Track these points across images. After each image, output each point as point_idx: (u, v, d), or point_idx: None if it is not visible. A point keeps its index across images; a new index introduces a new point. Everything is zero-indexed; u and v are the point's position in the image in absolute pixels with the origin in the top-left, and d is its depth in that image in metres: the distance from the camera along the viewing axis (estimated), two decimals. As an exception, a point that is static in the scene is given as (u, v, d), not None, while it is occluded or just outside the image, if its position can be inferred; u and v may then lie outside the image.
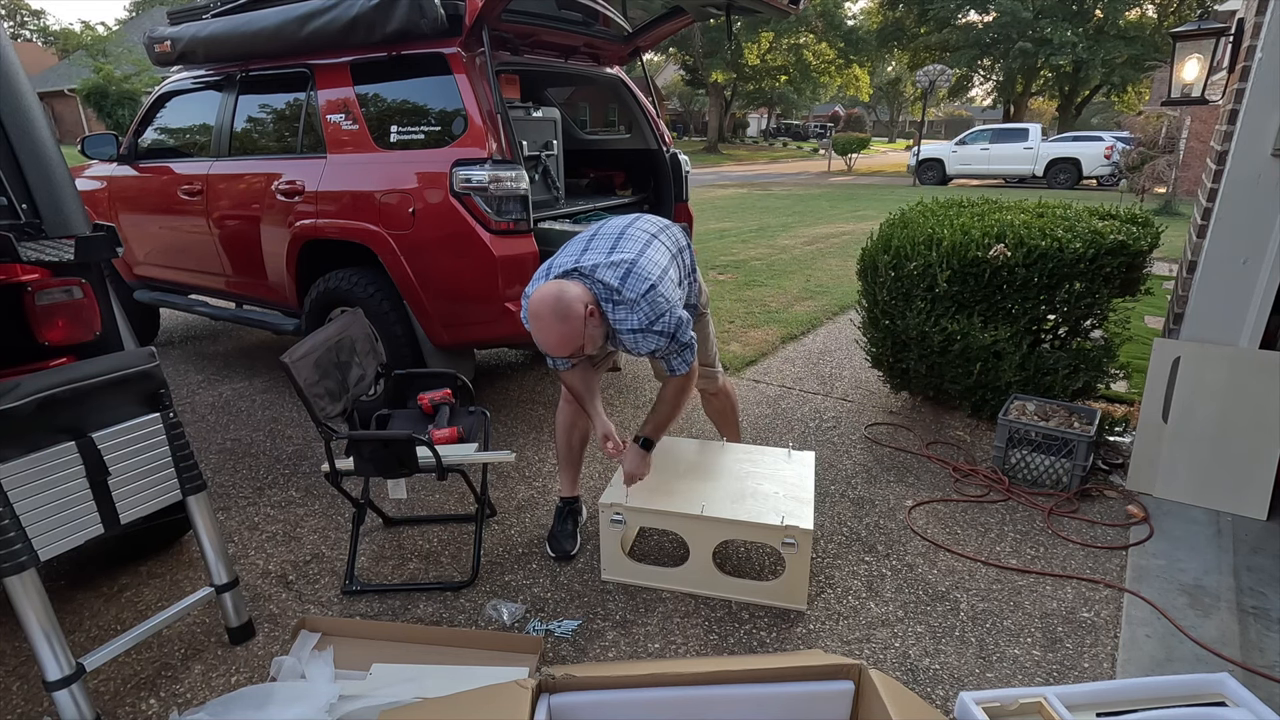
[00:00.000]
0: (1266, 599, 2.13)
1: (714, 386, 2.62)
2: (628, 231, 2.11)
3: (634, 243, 2.06)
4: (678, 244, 2.24)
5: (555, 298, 1.86)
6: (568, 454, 2.45)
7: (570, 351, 1.92)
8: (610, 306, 1.96)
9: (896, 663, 1.92)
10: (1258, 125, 2.40)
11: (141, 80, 21.34)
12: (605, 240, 2.08)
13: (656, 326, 1.96)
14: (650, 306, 1.94)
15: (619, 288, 1.93)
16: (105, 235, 1.91)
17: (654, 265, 2.01)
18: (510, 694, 1.31)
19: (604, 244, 2.06)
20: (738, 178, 20.60)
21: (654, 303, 1.94)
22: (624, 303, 1.94)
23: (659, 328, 1.96)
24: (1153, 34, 23.40)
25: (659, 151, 4.05)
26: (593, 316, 1.91)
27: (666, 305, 1.97)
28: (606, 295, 1.95)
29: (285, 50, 3.36)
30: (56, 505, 1.60)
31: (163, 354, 4.54)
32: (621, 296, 1.94)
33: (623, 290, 1.93)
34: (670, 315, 1.97)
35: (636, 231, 2.12)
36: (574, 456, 2.46)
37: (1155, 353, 2.68)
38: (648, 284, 1.94)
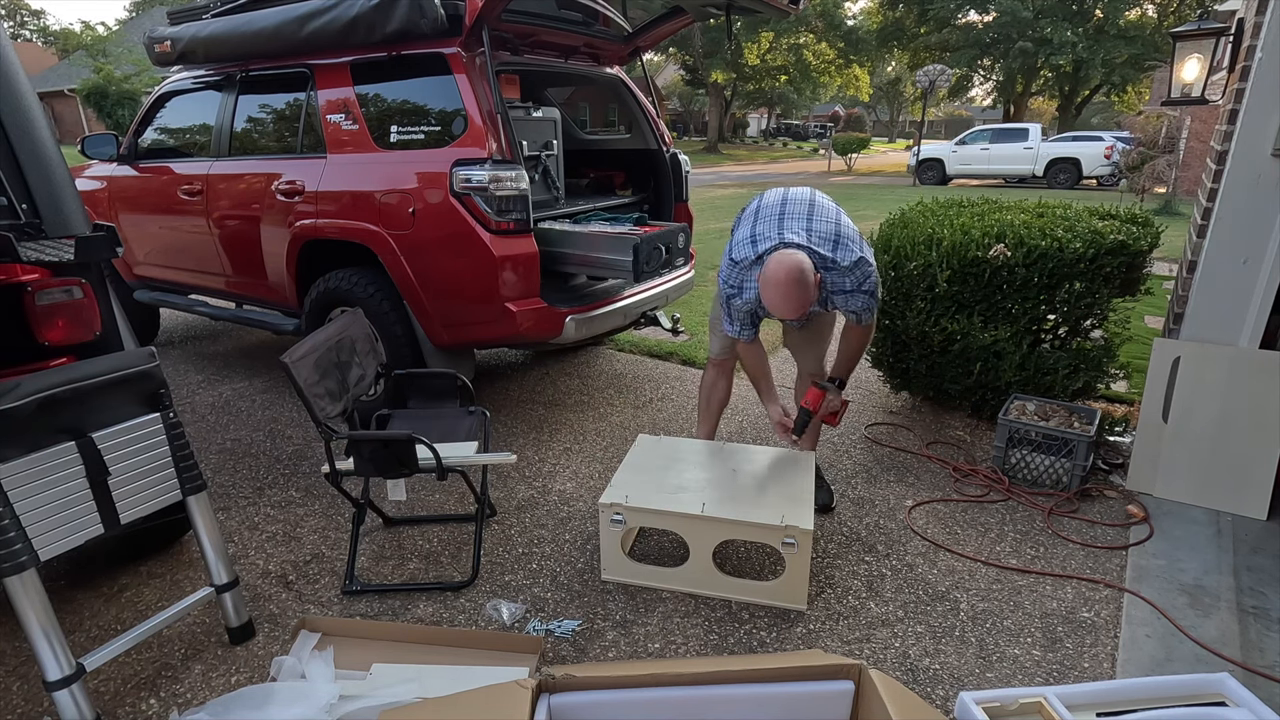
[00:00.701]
0: (1266, 599, 2.13)
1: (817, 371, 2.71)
2: (817, 200, 2.30)
3: (828, 212, 2.26)
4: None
5: (797, 268, 2.06)
6: (705, 410, 2.79)
7: (801, 313, 2.14)
8: (824, 273, 2.20)
9: (896, 663, 1.92)
10: (1258, 125, 2.40)
11: (141, 80, 21.34)
12: (799, 209, 2.26)
13: (865, 287, 2.23)
14: (860, 271, 2.20)
15: (833, 257, 2.18)
16: (105, 235, 1.91)
17: (855, 232, 2.25)
18: (510, 694, 1.31)
19: (799, 212, 2.25)
20: (738, 178, 20.59)
21: (863, 269, 2.21)
22: (837, 269, 2.19)
23: (866, 288, 2.23)
24: (1153, 34, 23.39)
25: (659, 151, 4.05)
26: (819, 282, 2.16)
27: (871, 268, 2.23)
28: (821, 263, 2.18)
29: (285, 50, 3.36)
30: (56, 505, 1.60)
31: (163, 354, 4.54)
32: (836, 264, 2.18)
33: (836, 259, 2.18)
34: (873, 276, 2.24)
35: (825, 203, 2.31)
36: (710, 413, 2.78)
37: (1155, 353, 2.68)
38: (855, 253, 2.19)
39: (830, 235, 2.19)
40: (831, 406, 2.51)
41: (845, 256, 2.18)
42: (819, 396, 2.47)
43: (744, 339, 2.42)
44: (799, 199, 2.29)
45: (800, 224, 2.21)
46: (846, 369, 2.50)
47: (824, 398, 2.47)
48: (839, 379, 2.50)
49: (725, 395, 2.75)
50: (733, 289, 2.29)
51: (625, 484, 2.26)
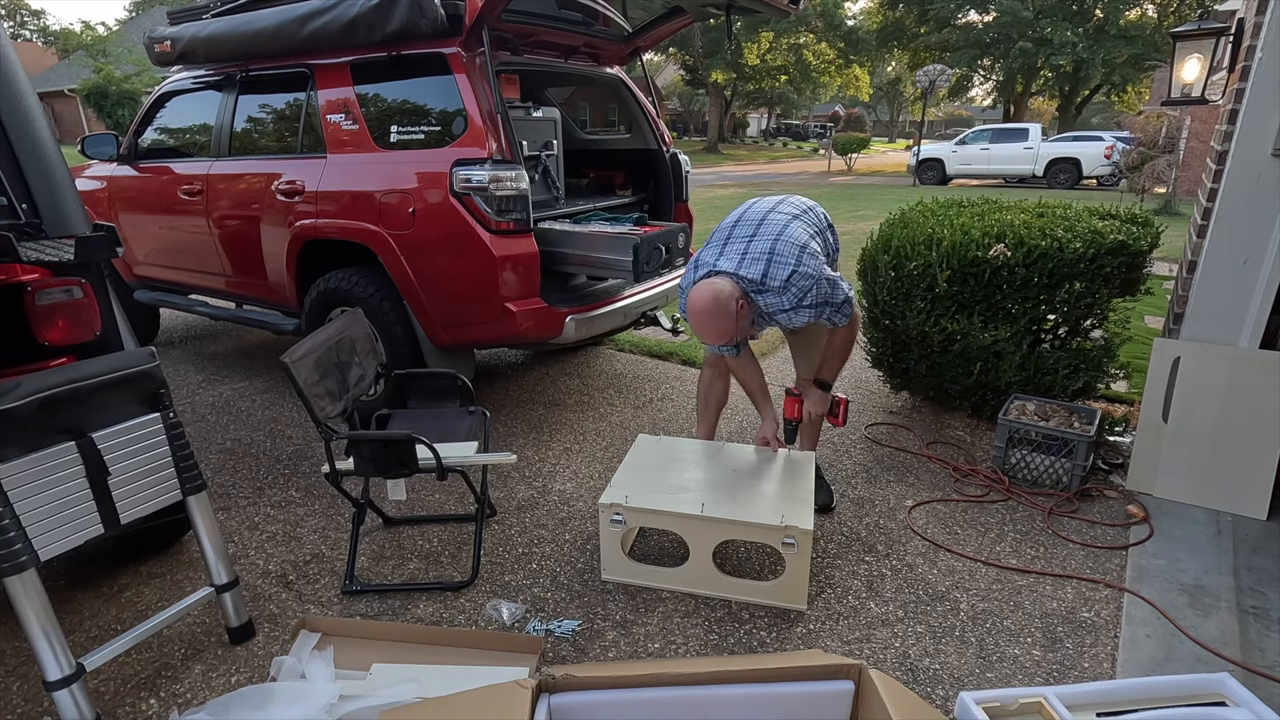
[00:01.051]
0: (1266, 599, 2.13)
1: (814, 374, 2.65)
2: (769, 218, 2.30)
3: (772, 228, 2.25)
4: (819, 225, 2.42)
5: (713, 298, 2.11)
6: (704, 408, 2.75)
7: (728, 340, 2.18)
8: (758, 296, 2.20)
9: (896, 663, 1.92)
10: (1258, 125, 2.40)
11: (141, 80, 21.35)
12: (745, 229, 2.29)
13: (805, 301, 2.19)
14: (796, 288, 2.16)
15: (762, 279, 2.16)
16: (105, 235, 1.91)
17: (791, 248, 2.18)
18: (510, 694, 1.31)
19: (744, 232, 2.28)
20: (737, 178, 20.59)
21: (798, 285, 2.16)
22: (770, 290, 2.18)
23: (808, 302, 2.19)
24: (1153, 34, 23.39)
25: (659, 151, 4.05)
26: (743, 309, 2.15)
27: (810, 282, 2.16)
28: (752, 287, 2.18)
29: (285, 50, 3.36)
30: (56, 505, 1.60)
31: (163, 354, 4.55)
32: (766, 286, 2.17)
33: (766, 281, 2.16)
34: (816, 289, 2.17)
35: (777, 216, 2.31)
36: (708, 411, 2.75)
37: (1155, 353, 2.68)
38: (788, 270, 2.15)
39: (764, 254, 2.18)
40: (819, 409, 2.51)
41: (776, 275, 2.15)
42: (794, 404, 2.51)
43: (727, 354, 2.45)
44: (751, 218, 2.31)
45: (739, 246, 2.23)
46: (830, 371, 2.48)
47: (800, 404, 2.50)
48: (824, 381, 2.49)
49: (723, 393, 2.74)
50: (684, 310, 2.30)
51: (625, 484, 2.26)
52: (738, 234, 2.28)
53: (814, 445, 2.75)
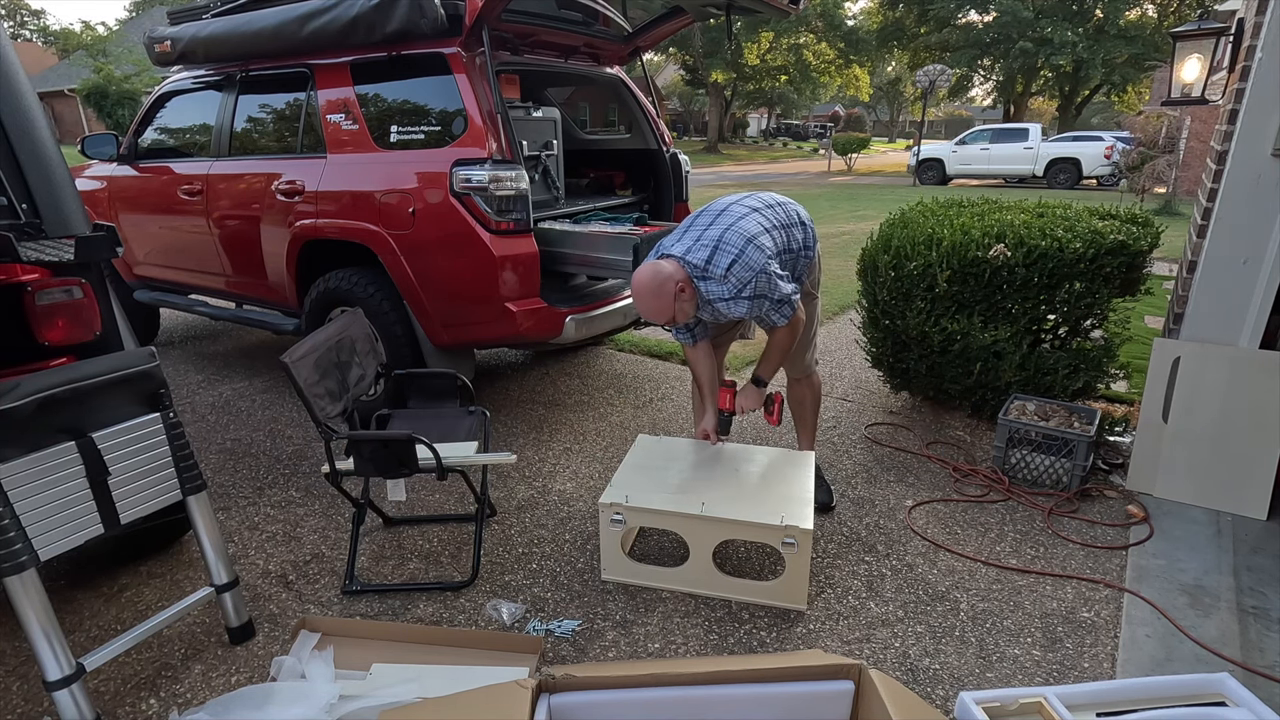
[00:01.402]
0: (1266, 599, 2.13)
1: (802, 372, 2.71)
2: (729, 209, 2.34)
3: (728, 218, 2.28)
4: (785, 219, 2.42)
5: (651, 276, 2.17)
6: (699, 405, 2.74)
7: (664, 320, 2.21)
8: (700, 282, 2.21)
9: (896, 663, 1.92)
10: (1258, 125, 2.40)
11: (141, 80, 21.35)
12: (705, 218, 2.33)
13: (744, 293, 2.18)
14: (735, 278, 2.17)
15: (705, 265, 2.19)
16: (105, 235, 1.90)
17: (739, 238, 2.21)
18: (510, 694, 1.31)
19: (704, 221, 2.32)
20: (737, 178, 20.59)
21: (738, 275, 2.17)
22: (712, 277, 2.19)
23: (746, 293, 2.19)
24: (1153, 34, 23.39)
25: (659, 151, 4.05)
26: (683, 292, 2.18)
27: (750, 274, 2.17)
28: (696, 273, 2.21)
29: (285, 50, 3.36)
30: (56, 505, 1.60)
31: (163, 354, 4.54)
32: (709, 272, 2.19)
33: (709, 267, 2.18)
34: (756, 281, 2.17)
35: (737, 208, 2.34)
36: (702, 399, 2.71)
37: (1155, 353, 2.68)
38: (730, 258, 2.17)
39: (712, 242, 2.21)
40: (749, 404, 2.50)
41: (719, 263, 2.17)
42: (728, 395, 2.52)
43: (684, 342, 2.51)
44: (714, 208, 2.35)
45: (694, 234, 2.27)
46: (765, 368, 2.48)
47: (734, 396, 2.51)
48: (759, 377, 2.49)
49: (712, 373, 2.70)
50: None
51: (625, 484, 2.26)
52: (698, 223, 2.32)
53: (811, 444, 2.75)
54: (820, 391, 2.82)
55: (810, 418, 2.78)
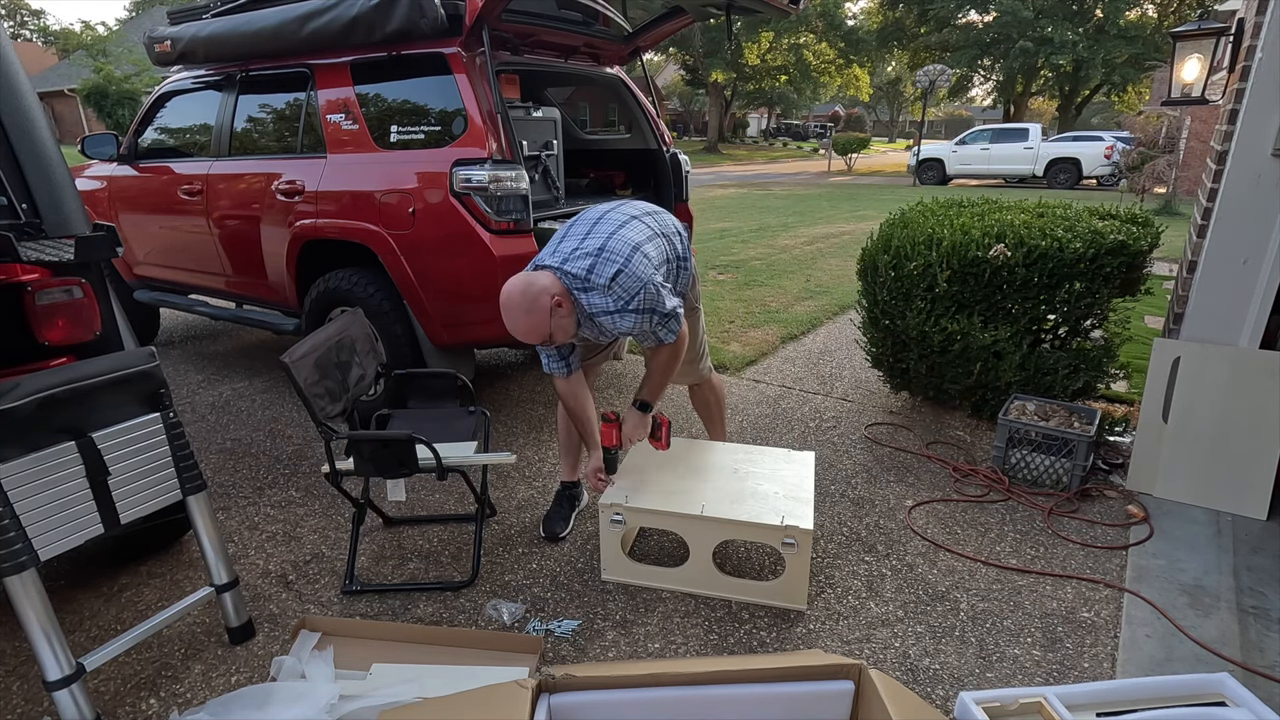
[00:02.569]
0: (1266, 599, 2.13)
1: (699, 379, 2.65)
2: (607, 215, 2.16)
3: (607, 225, 2.11)
4: (664, 228, 2.25)
5: (522, 290, 1.94)
6: (568, 442, 2.56)
7: (540, 340, 1.99)
8: (581, 294, 2.01)
9: (896, 663, 1.92)
10: (1258, 125, 2.40)
11: (141, 80, 21.36)
12: (581, 226, 2.14)
13: (631, 305, 2.00)
14: (621, 289, 1.98)
15: (586, 276, 1.99)
16: (105, 235, 1.91)
17: (623, 245, 2.03)
18: (510, 694, 1.31)
19: (580, 230, 2.12)
20: (737, 178, 20.60)
21: (624, 285, 1.98)
22: (594, 288, 1.99)
23: (634, 306, 2.00)
24: (1153, 33, 23.40)
25: (659, 151, 4.05)
26: (560, 307, 1.97)
27: (639, 284, 1.99)
28: (576, 285, 2.00)
29: (285, 50, 3.36)
30: (56, 505, 1.60)
31: (163, 354, 4.55)
32: (591, 283, 1.98)
33: (590, 278, 1.98)
34: (644, 293, 2.00)
35: (616, 215, 2.17)
36: (574, 445, 2.56)
37: (1155, 353, 2.68)
38: (614, 268, 1.98)
39: (592, 251, 2.01)
40: (637, 434, 2.30)
41: (602, 273, 1.97)
42: (611, 430, 2.25)
43: (557, 373, 2.24)
44: (589, 217, 2.17)
45: (569, 245, 2.07)
46: (650, 391, 2.28)
47: (618, 429, 2.25)
48: (644, 401, 2.29)
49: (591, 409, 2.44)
50: None
51: (625, 484, 2.26)
52: (573, 231, 2.12)
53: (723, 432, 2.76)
54: (722, 391, 2.74)
55: (719, 415, 2.75)
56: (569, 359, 2.24)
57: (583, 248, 2.04)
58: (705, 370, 2.64)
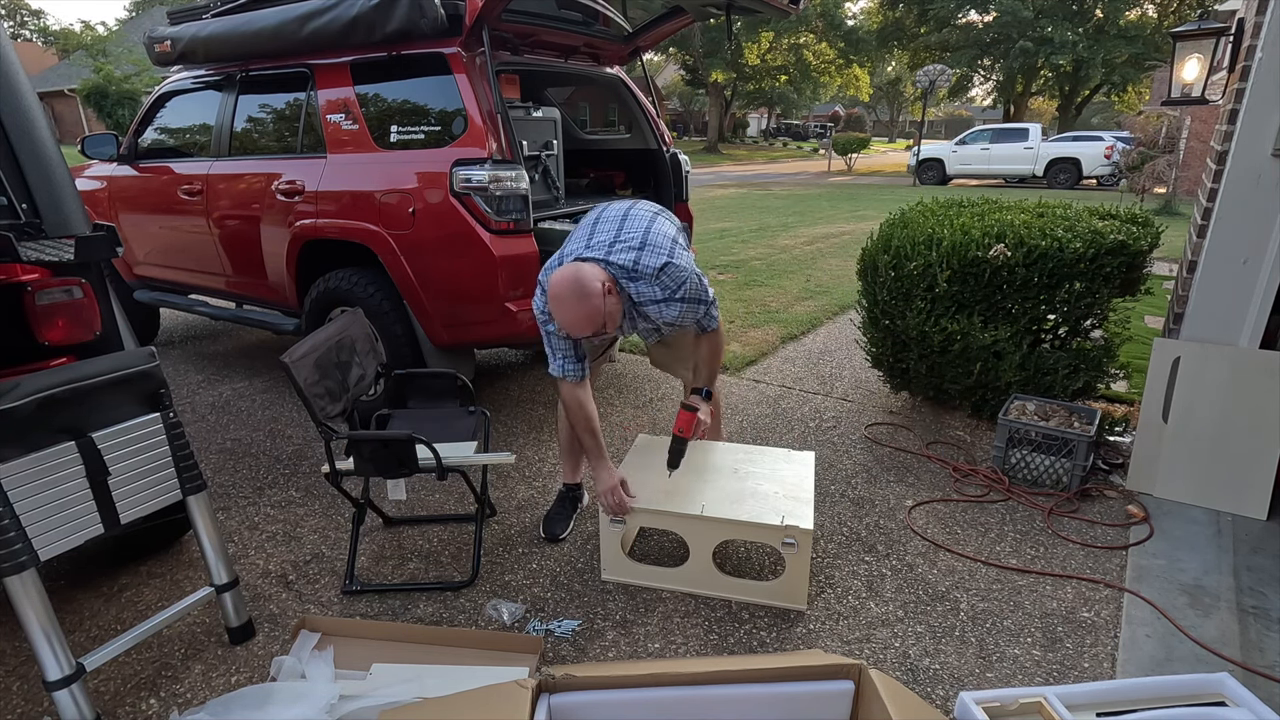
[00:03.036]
0: (1266, 599, 2.13)
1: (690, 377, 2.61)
2: (631, 213, 2.20)
3: (639, 221, 2.16)
4: (677, 224, 2.32)
5: (574, 278, 1.95)
6: (570, 444, 2.54)
7: (594, 328, 1.98)
8: (629, 284, 2.06)
9: (896, 663, 1.92)
10: (1258, 125, 2.40)
11: (141, 80, 21.36)
12: (610, 225, 2.16)
13: (678, 295, 2.07)
14: (669, 278, 2.05)
15: (634, 266, 2.04)
16: (105, 235, 1.91)
17: (664, 238, 2.10)
18: (510, 694, 1.31)
19: (609, 225, 2.15)
20: (737, 177, 20.59)
21: (672, 275, 2.05)
22: (642, 278, 2.05)
23: (680, 295, 2.07)
24: (1153, 33, 23.40)
25: (659, 151, 4.06)
26: (610, 294, 1.99)
27: (684, 274, 2.06)
28: (623, 274, 2.05)
29: (285, 50, 3.36)
30: (56, 505, 1.60)
31: (163, 354, 4.55)
32: (638, 273, 2.04)
33: (638, 268, 2.04)
34: (689, 282, 2.07)
35: (641, 211, 2.22)
36: (576, 446, 2.52)
37: (1155, 353, 2.68)
38: (661, 259, 2.05)
39: (636, 243, 2.06)
40: (714, 417, 2.33)
41: (650, 262, 2.03)
42: (690, 419, 2.22)
43: (572, 376, 2.17)
44: (612, 216, 2.19)
45: (606, 237, 2.09)
46: (709, 378, 2.32)
47: (696, 419, 2.23)
48: (705, 389, 2.31)
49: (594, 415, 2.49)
50: (545, 315, 2.12)
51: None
52: (601, 227, 2.15)
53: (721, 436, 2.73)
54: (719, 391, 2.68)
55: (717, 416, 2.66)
56: (585, 362, 2.20)
57: (623, 240, 2.08)
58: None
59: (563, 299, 1.95)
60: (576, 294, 1.94)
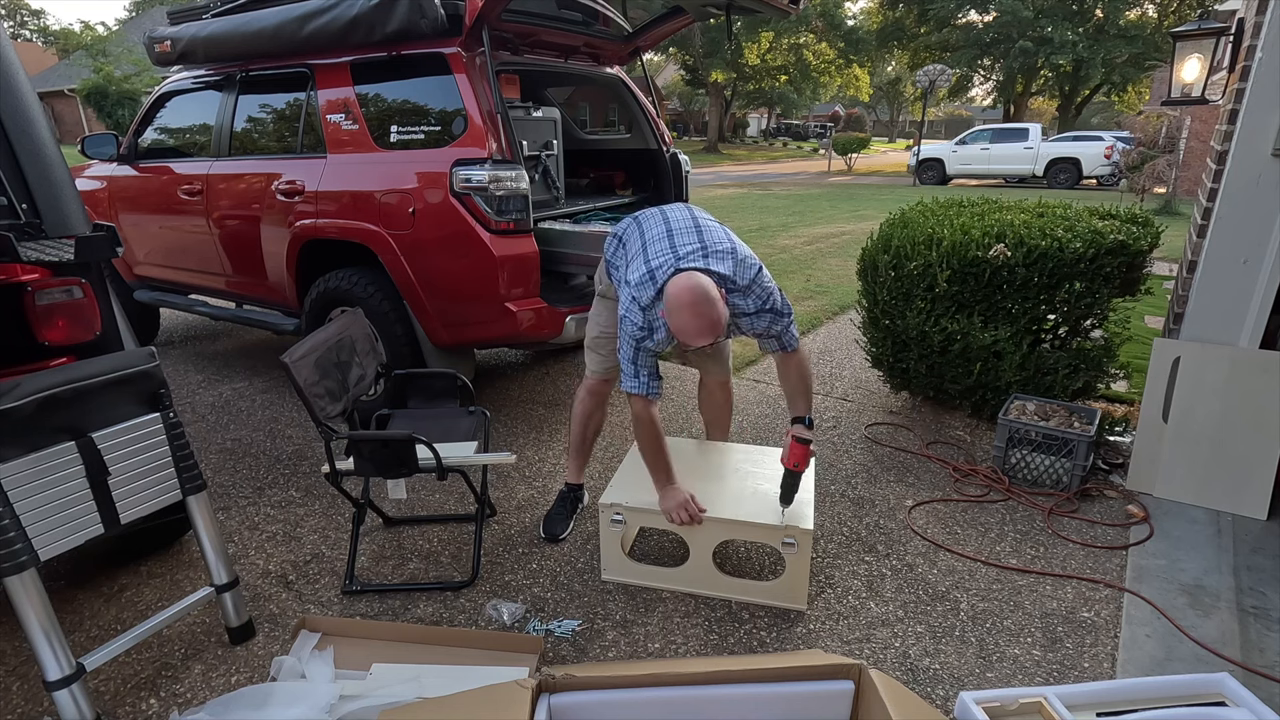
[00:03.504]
0: (1266, 599, 2.13)
1: (724, 376, 2.63)
2: (700, 222, 2.17)
3: (717, 233, 2.13)
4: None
5: (702, 285, 1.90)
6: (581, 443, 2.55)
7: (717, 335, 1.92)
8: (727, 294, 2.02)
9: (896, 663, 1.92)
10: (1258, 125, 2.40)
11: (141, 80, 21.36)
12: (686, 233, 2.11)
13: (769, 305, 2.08)
14: (761, 289, 2.06)
15: (732, 276, 2.02)
16: (105, 235, 1.91)
17: (747, 250, 2.11)
18: (510, 694, 1.31)
19: (685, 229, 2.12)
20: (737, 177, 20.59)
21: (763, 286, 2.07)
22: (738, 290, 2.04)
23: (769, 306, 2.08)
24: (1153, 33, 23.40)
25: (659, 151, 4.06)
26: (723, 303, 1.95)
27: (771, 287, 2.09)
28: (720, 283, 2.00)
29: (285, 50, 3.36)
30: (56, 505, 1.60)
31: (163, 354, 4.54)
32: (735, 284, 2.03)
33: (735, 278, 2.03)
34: (776, 293, 2.10)
35: (706, 220, 2.19)
36: (586, 447, 2.57)
37: (1155, 353, 2.68)
38: (754, 269, 2.06)
39: (726, 252, 2.04)
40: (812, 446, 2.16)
41: (743, 274, 2.03)
42: (805, 453, 2.09)
43: (651, 395, 2.11)
44: (684, 225, 2.13)
45: (693, 244, 2.05)
46: (807, 404, 2.20)
47: (809, 452, 2.10)
48: (806, 417, 2.18)
49: (600, 426, 2.55)
50: (643, 331, 2.04)
51: (625, 484, 2.26)
52: (681, 238, 2.08)
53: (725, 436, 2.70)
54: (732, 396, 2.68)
55: (726, 419, 2.69)
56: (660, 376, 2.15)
57: (713, 248, 2.04)
58: (728, 371, 2.65)
59: (691, 306, 1.88)
60: (709, 300, 1.88)
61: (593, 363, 2.50)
